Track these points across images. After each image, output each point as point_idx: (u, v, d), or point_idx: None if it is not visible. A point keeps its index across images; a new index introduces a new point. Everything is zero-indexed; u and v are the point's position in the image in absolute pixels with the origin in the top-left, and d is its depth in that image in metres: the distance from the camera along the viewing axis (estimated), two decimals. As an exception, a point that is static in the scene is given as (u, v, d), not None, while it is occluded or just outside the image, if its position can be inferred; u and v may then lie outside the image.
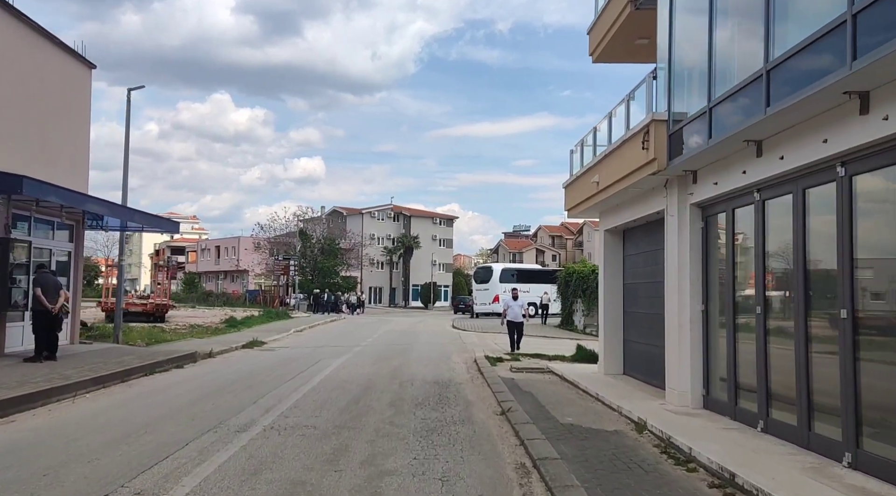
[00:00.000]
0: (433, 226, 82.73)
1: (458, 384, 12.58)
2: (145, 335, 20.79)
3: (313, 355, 17.66)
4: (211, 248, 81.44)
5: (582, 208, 13.38)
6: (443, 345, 21.56)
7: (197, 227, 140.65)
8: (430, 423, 8.70)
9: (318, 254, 58.29)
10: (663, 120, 9.07)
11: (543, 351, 18.67)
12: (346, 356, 17.46)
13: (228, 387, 11.53)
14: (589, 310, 31.32)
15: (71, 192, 11.91)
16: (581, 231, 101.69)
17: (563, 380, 13.07)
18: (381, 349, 19.90)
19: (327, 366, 14.94)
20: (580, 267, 33.55)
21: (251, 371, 14.02)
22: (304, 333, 27.05)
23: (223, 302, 57.44)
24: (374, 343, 22.28)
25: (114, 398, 10.36)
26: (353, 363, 15.79)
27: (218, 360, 16.11)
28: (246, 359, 16.71)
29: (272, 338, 23.03)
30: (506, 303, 18.67)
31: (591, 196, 12.37)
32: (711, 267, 9.09)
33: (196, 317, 36.21)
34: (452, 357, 17.94)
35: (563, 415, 9.22)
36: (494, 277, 45.54)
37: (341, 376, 13.29)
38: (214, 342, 20.14)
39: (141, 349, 16.24)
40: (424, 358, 17.43)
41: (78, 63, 15.52)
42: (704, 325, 9.10)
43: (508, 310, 18.36)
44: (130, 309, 28.99)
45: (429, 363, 16.12)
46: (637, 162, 9.66)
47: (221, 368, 14.48)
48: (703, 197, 8.89)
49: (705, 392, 9.05)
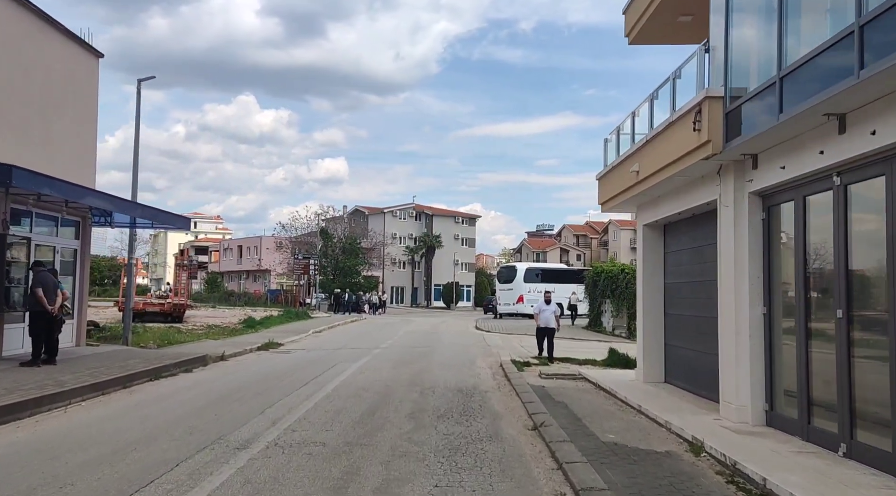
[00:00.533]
0: (455, 225, 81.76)
1: (483, 392, 11.58)
2: (158, 336, 20.11)
3: (330, 358, 16.79)
4: (233, 248, 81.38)
5: (618, 201, 12.30)
6: (466, 348, 20.57)
7: (221, 227, 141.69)
8: (454, 440, 7.71)
9: (339, 254, 57.65)
10: (719, 96, 7.97)
11: (573, 354, 17.59)
12: (364, 359, 16.56)
13: (236, 395, 10.67)
14: (618, 312, 30.12)
15: (68, 183, 11.14)
16: (606, 230, 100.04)
17: (597, 388, 12.00)
18: (401, 352, 18.97)
19: (344, 371, 14.04)
20: (608, 266, 32.33)
21: (263, 376, 13.17)
22: (322, 334, 26.24)
23: (244, 302, 57.10)
24: (394, 345, 21.38)
25: (110, 407, 9.54)
26: (372, 367, 14.88)
27: (230, 364, 15.31)
28: (260, 362, 15.89)
29: (289, 339, 22.24)
30: (538, 308, 17.05)
31: (629, 187, 11.30)
32: (774, 264, 7.97)
33: (215, 317, 35.69)
34: (477, 361, 16.95)
35: (604, 432, 8.18)
36: (518, 277, 44.42)
37: (358, 382, 12.37)
38: (229, 344, 19.40)
39: (150, 352, 15.50)
40: (447, 362, 16.46)
41: (85, 52, 14.81)
42: (766, 331, 7.99)
43: (540, 314, 16.73)
44: (147, 309, 28.50)
45: (451, 368, 15.14)
46: (686, 146, 8.58)
47: (232, 372, 13.65)
48: (766, 184, 7.78)
49: (768, 407, 7.95)
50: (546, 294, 17.54)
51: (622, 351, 17.12)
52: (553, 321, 16.70)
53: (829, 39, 5.85)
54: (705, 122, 7.95)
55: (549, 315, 16.63)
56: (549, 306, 16.83)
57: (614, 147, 12.66)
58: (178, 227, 15.52)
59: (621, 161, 11.74)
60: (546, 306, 16.85)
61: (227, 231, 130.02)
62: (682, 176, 9.37)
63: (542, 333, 16.88)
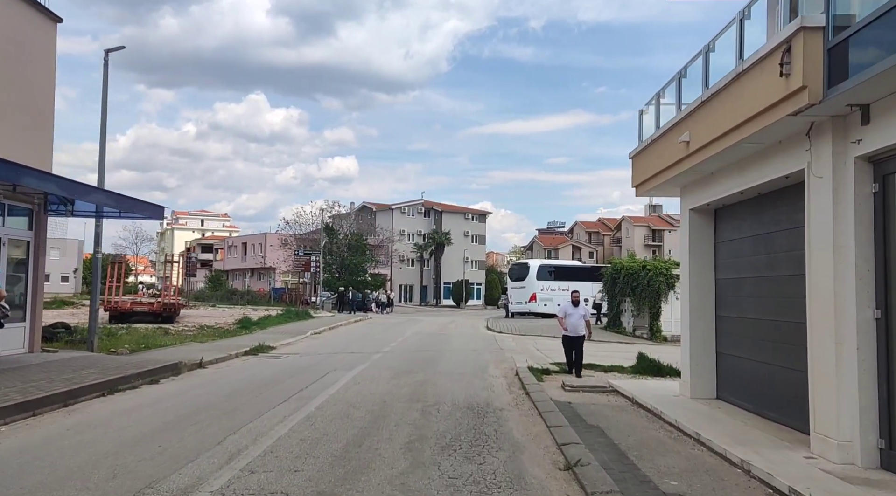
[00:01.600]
0: (465, 221, 79.71)
1: (498, 410, 9.62)
2: (136, 339, 18.28)
3: (324, 364, 14.88)
4: (238, 245, 79.71)
5: (657, 182, 10.28)
6: (477, 353, 18.59)
7: (228, 224, 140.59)
8: (462, 488, 5.76)
9: (345, 251, 55.76)
10: (818, 27, 5.95)
11: (595, 359, 15.67)
12: (361, 366, 14.63)
13: (197, 416, 8.76)
14: (639, 311, 28.08)
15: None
16: (619, 227, 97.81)
17: (636, 405, 10.00)
18: (404, 357, 17.03)
19: (335, 382, 12.11)
20: (628, 262, 30.26)
21: (240, 388, 11.26)
22: (321, 336, 24.35)
23: (247, 300, 55.33)
24: (397, 348, 19.44)
25: (33, 434, 7.65)
26: (369, 376, 12.94)
27: (208, 372, 13.42)
28: (243, 369, 14.00)
29: (284, 342, 20.36)
30: (563, 310, 13.73)
31: (675, 163, 9.29)
32: (892, 253, 5.96)
33: (212, 316, 33.89)
34: (489, 368, 14.98)
35: (661, 474, 6.19)
36: (531, 274, 42.35)
37: (348, 397, 10.42)
38: (215, 347, 17.55)
39: (117, 359, 13.64)
40: (455, 369, 14.49)
41: (39, 15, 12.94)
42: (881, 341, 5.98)
43: (567, 319, 13.48)
44: (136, 309, 26.72)
45: (461, 377, 13.18)
46: (764, 100, 6.56)
47: (206, 384, 11.75)
48: (881, 145, 5.78)
49: (884, 444, 5.93)
50: (574, 294, 14.19)
51: (652, 355, 15.13)
52: (583, 327, 13.59)
53: None
54: (798, 62, 5.94)
55: (579, 320, 13.51)
56: (577, 309, 13.63)
57: (653, 119, 10.64)
58: (150, 216, 13.63)
59: (664, 132, 9.73)
60: (574, 309, 13.62)
61: (234, 229, 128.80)
62: (751, 142, 7.36)
63: (570, 344, 13.56)
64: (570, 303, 13.89)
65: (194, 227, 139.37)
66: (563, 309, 13.84)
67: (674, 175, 9.55)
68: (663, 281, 26.73)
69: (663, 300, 26.71)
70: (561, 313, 13.85)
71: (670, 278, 26.89)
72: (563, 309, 13.87)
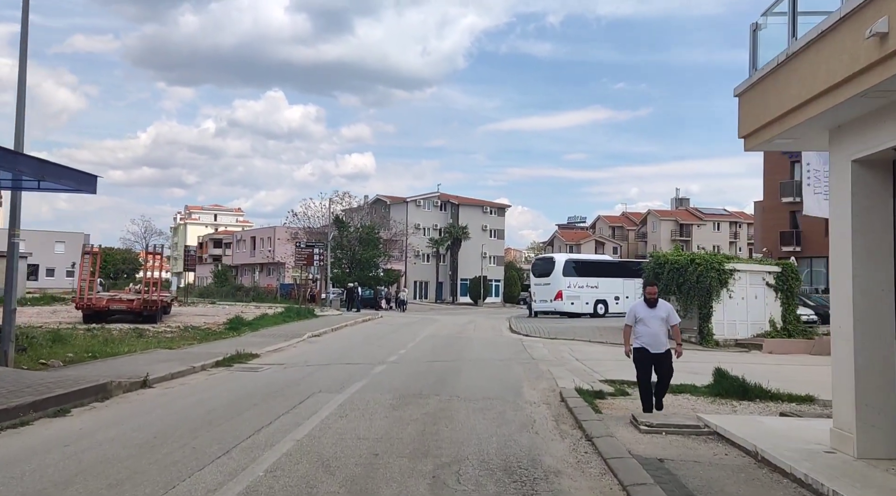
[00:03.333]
0: (483, 215, 76.08)
1: (553, 476, 6.08)
2: (88, 346, 15.01)
3: (309, 382, 11.46)
4: (247, 240, 76.69)
5: (792, 122, 6.69)
6: (505, 364, 15.04)
7: (242, 219, 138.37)
8: None
9: (356, 245, 52.38)
10: None
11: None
12: (357, 385, 11.16)
13: (69, 489, 5.35)
14: (686, 311, 24.35)
15: None
16: (645, 221, 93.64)
17: (764, 464, 6.43)
18: (414, 370, 13.56)
19: (313, 414, 8.65)
20: (673, 255, 26.50)
21: (174, 424, 7.85)
22: (320, 340, 20.96)
23: (252, 297, 52.21)
24: (407, 357, 15.98)
25: None
26: (362, 403, 9.46)
27: (150, 395, 10.05)
28: (199, 390, 10.61)
29: (272, 347, 17.01)
30: (632, 314, 9.21)
31: (841, 82, 5.71)
32: None
33: (206, 315, 30.70)
34: (524, 388, 11.45)
35: None
36: (556, 270, 38.59)
37: (323, 448, 6.92)
38: (183, 356, 14.25)
39: (30, 376, 10.30)
40: (480, 391, 10.96)
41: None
42: None
43: (639, 326, 8.98)
44: (113, 306, 23.50)
45: (488, 405, 9.65)
46: None
47: (128, 418, 8.35)
48: None
49: None
50: (649, 289, 9.26)
51: (732, 371, 11.54)
52: (665, 337, 8.93)
53: None
54: None
55: (660, 327, 8.90)
56: (655, 310, 8.99)
57: (783, 30, 7.03)
58: (78, 187, 10.31)
59: (820, 36, 6.11)
60: (649, 310, 8.98)
61: (247, 223, 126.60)
62: None
63: (647, 362, 8.89)
64: (641, 302, 9.22)
65: (208, 221, 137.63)
66: (633, 311, 9.19)
67: (834, 104, 5.95)
68: (715, 276, 23.11)
69: (715, 299, 23.08)
70: (630, 318, 9.19)
71: (723, 274, 23.28)
72: (632, 311, 9.24)
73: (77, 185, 10.34)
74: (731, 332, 23.26)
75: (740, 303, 23.70)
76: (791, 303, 24.71)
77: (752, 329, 23.71)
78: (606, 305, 38.58)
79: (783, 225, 44.80)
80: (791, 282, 24.99)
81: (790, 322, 24.07)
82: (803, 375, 13.87)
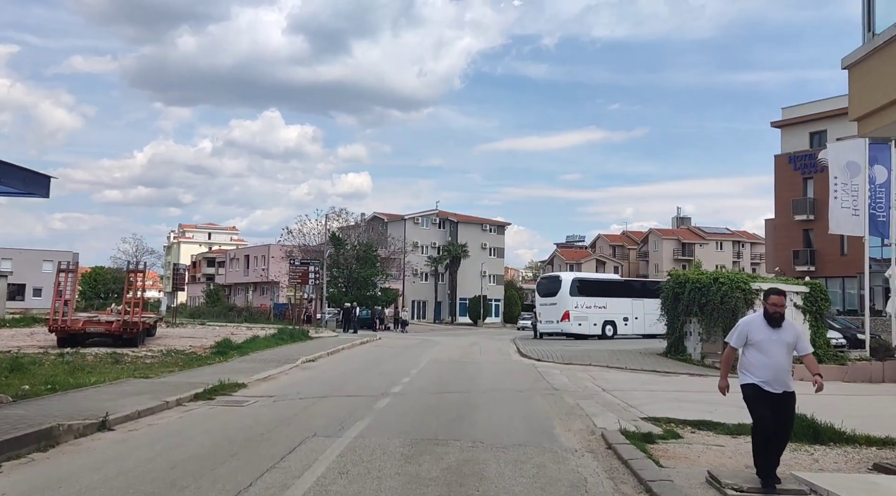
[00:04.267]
0: (482, 233, 74.49)
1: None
2: (50, 376, 13.18)
3: (302, 422, 9.66)
4: (240, 258, 74.83)
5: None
6: (525, 397, 13.21)
7: (236, 238, 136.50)
8: None
9: (353, 263, 50.58)
10: None
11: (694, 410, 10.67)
12: (357, 427, 9.34)
13: None
14: (708, 334, 22.64)
15: None
16: (646, 240, 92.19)
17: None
18: (423, 404, 11.75)
19: (307, 468, 6.87)
20: (694, 274, 24.84)
21: (130, 485, 6.06)
22: (315, 365, 19.13)
23: (245, 317, 50.25)
24: (412, 387, 14.16)
25: None
26: (367, 455, 7.65)
27: (106, 441, 8.24)
28: (169, 434, 8.79)
29: (262, 375, 15.21)
30: (743, 333, 6.48)
31: None
32: None
33: (194, 337, 28.84)
34: (556, 429, 9.64)
35: None
36: (563, 289, 36.80)
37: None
38: (156, 388, 12.43)
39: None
40: (506, 433, 9.14)
41: None
42: None
43: (752, 352, 6.36)
44: (89, 329, 21.63)
45: (519, 453, 7.84)
46: None
47: (72, 475, 6.54)
48: None
49: None
50: (774, 298, 6.39)
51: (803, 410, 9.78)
52: (787, 372, 6.37)
53: None
54: None
55: (785, 358, 6.34)
56: (779, 331, 6.32)
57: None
58: (27, 190, 8.59)
59: None
60: (770, 330, 6.32)
61: (241, 242, 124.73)
62: None
63: (764, 404, 6.32)
64: (758, 319, 6.44)
65: (202, 240, 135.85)
66: (745, 329, 6.41)
67: None
68: (740, 297, 21.39)
69: (741, 321, 21.34)
70: (737, 338, 6.48)
71: (749, 293, 21.55)
72: (742, 330, 6.45)
73: (25, 188, 8.63)
74: (758, 357, 21.52)
75: (767, 325, 21.99)
76: (820, 325, 23.03)
77: (781, 353, 21.98)
78: (615, 326, 36.82)
79: (796, 244, 43.30)
80: (820, 303, 23.36)
81: (820, 346, 22.29)
82: (853, 408, 12.25)
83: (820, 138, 41.99)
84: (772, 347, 6.28)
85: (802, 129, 43.40)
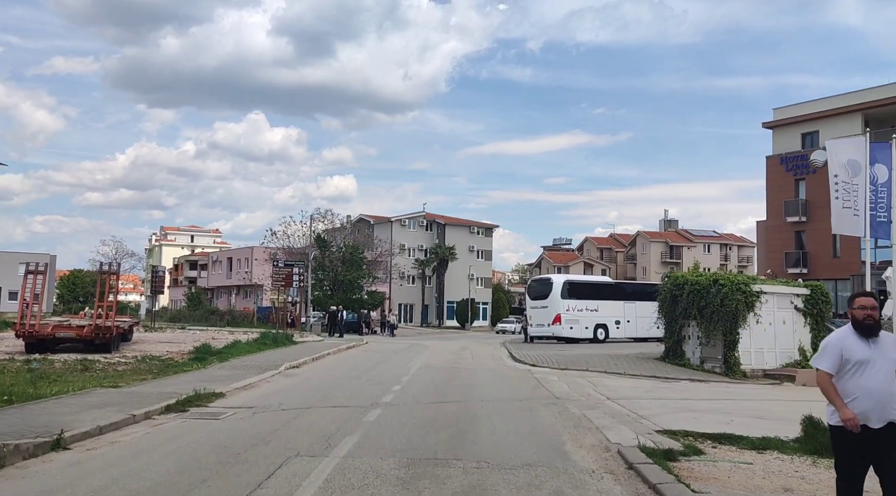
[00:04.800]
0: (470, 235, 73.64)
1: None
2: (5, 384, 12.05)
3: (283, 438, 8.65)
4: (223, 261, 73.32)
5: None
6: (527, 407, 12.25)
7: (220, 240, 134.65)
8: None
9: (338, 265, 49.46)
10: None
11: (710, 421, 9.80)
12: (346, 444, 8.34)
13: None
14: (708, 338, 21.88)
15: None
16: (634, 242, 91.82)
17: None
18: (417, 416, 10.75)
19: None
20: (693, 276, 24.10)
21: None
22: (299, 372, 18.08)
23: (227, 321, 48.94)
24: (404, 396, 13.16)
25: None
26: (357, 481, 6.66)
27: (59, 464, 7.20)
28: (132, 455, 7.75)
29: (242, 383, 14.19)
30: (836, 351, 4.74)
31: None
32: None
33: (172, 342, 27.65)
34: (567, 446, 8.69)
35: None
36: (554, 292, 35.96)
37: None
38: (125, 398, 11.37)
39: None
40: (514, 454, 8.17)
41: None
42: None
43: (849, 376, 4.67)
44: (59, 334, 20.43)
45: (534, 481, 6.85)
46: None
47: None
48: None
49: None
50: (863, 301, 4.80)
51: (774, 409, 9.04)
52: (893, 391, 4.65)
53: None
54: None
55: (889, 376, 4.66)
56: (878, 345, 4.72)
57: None
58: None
59: None
60: (866, 345, 4.71)
61: (225, 245, 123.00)
62: None
63: (856, 450, 4.64)
64: (848, 332, 4.83)
65: (184, 243, 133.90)
66: (837, 347, 4.77)
67: None
68: (741, 299, 20.67)
69: (742, 324, 20.64)
70: (829, 360, 4.75)
71: (750, 296, 20.84)
72: (834, 347, 4.78)
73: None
74: (759, 362, 20.82)
75: (768, 329, 21.33)
76: (821, 329, 22.36)
77: (781, 358, 21.39)
78: (607, 330, 36.05)
79: (788, 246, 42.80)
80: (821, 305, 22.75)
81: (822, 350, 21.69)
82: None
83: (812, 139, 41.57)
84: (875, 366, 4.67)
85: (794, 129, 42.95)
